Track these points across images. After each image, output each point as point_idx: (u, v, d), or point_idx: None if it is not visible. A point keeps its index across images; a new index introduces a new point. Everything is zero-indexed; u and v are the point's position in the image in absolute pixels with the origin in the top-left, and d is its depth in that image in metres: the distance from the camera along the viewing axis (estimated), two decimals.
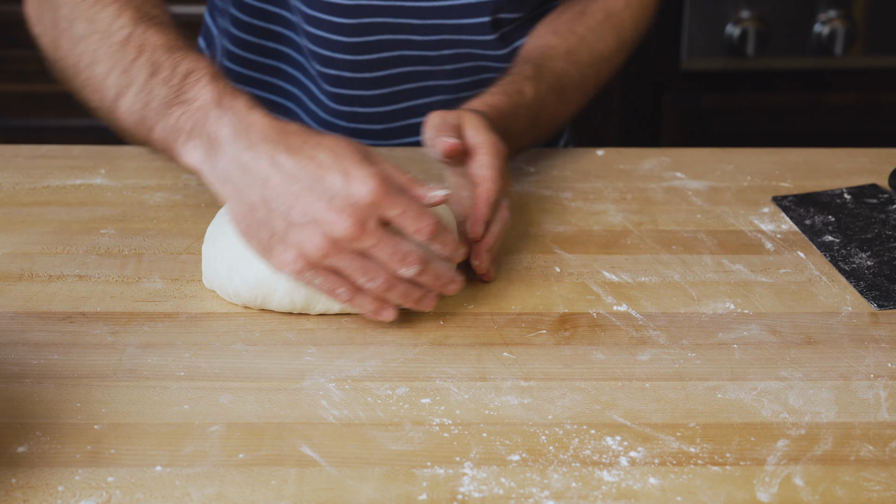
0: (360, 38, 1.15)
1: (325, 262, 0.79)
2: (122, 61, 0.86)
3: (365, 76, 1.18)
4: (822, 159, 1.17)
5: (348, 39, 1.15)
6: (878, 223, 1.04)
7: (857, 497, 0.70)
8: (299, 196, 0.77)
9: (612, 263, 0.97)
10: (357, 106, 1.21)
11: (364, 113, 1.21)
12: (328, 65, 1.18)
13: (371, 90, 1.20)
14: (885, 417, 0.78)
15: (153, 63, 0.85)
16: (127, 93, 0.86)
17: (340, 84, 1.19)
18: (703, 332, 0.87)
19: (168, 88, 0.83)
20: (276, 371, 0.81)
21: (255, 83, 1.26)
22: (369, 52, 1.17)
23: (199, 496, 0.69)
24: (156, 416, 0.76)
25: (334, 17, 1.14)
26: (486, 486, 0.71)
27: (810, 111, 2.07)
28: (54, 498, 0.69)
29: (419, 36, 1.16)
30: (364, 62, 1.17)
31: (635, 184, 1.11)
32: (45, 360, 0.82)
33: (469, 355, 0.84)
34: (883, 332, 0.88)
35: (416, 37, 1.16)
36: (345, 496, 0.70)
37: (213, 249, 0.89)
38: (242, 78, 1.26)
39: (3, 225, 1.01)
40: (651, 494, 0.70)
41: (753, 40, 1.96)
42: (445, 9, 1.14)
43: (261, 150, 0.78)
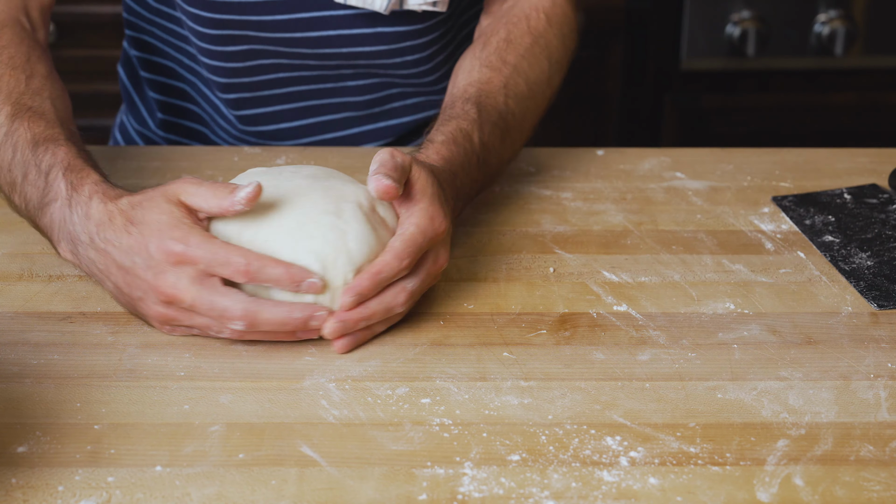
0: (242, 62, 1.15)
1: (175, 325, 0.84)
2: (4, 160, 0.92)
3: (262, 94, 1.18)
4: (822, 159, 1.17)
5: (232, 65, 1.15)
6: (878, 223, 1.04)
7: (857, 497, 0.70)
8: (129, 275, 0.83)
9: (612, 263, 0.97)
10: (263, 125, 1.21)
11: (271, 130, 1.21)
12: (225, 90, 1.18)
13: (271, 107, 1.19)
14: (885, 417, 0.78)
15: (24, 163, 0.90)
16: (14, 192, 0.91)
17: (241, 106, 1.19)
18: (703, 332, 0.87)
19: (37, 190, 0.88)
20: (276, 371, 0.81)
21: (173, 109, 1.26)
22: (259, 74, 1.16)
23: (199, 496, 0.69)
24: (156, 416, 0.76)
25: (214, 46, 1.14)
26: (486, 486, 0.71)
27: (810, 111, 2.08)
28: (54, 498, 0.69)
29: (307, 60, 1.16)
30: (256, 83, 1.17)
31: (635, 184, 1.11)
32: (45, 360, 0.82)
33: (469, 355, 0.84)
34: (883, 332, 0.88)
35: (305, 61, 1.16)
36: (345, 496, 0.70)
37: None
38: (161, 105, 1.26)
39: (3, 225, 1.01)
40: (651, 494, 0.70)
41: (753, 40, 1.96)
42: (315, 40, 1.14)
43: (96, 242, 0.84)
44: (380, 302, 0.83)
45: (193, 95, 1.23)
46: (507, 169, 1.09)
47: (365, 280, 0.82)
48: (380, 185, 0.83)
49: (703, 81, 2.05)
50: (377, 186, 0.83)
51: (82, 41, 1.97)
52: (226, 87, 1.17)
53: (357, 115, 1.21)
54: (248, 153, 1.16)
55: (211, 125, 1.24)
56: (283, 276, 0.80)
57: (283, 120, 1.20)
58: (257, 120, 1.20)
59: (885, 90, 2.07)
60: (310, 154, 1.16)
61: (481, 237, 1.01)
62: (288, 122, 1.21)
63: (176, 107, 1.26)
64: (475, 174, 0.98)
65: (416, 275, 0.85)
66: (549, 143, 2.14)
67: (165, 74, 1.24)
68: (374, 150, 1.16)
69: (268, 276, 0.80)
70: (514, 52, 1.08)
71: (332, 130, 1.22)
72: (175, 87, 1.24)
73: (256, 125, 1.20)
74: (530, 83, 1.07)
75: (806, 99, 2.07)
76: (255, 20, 1.11)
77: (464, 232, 1.01)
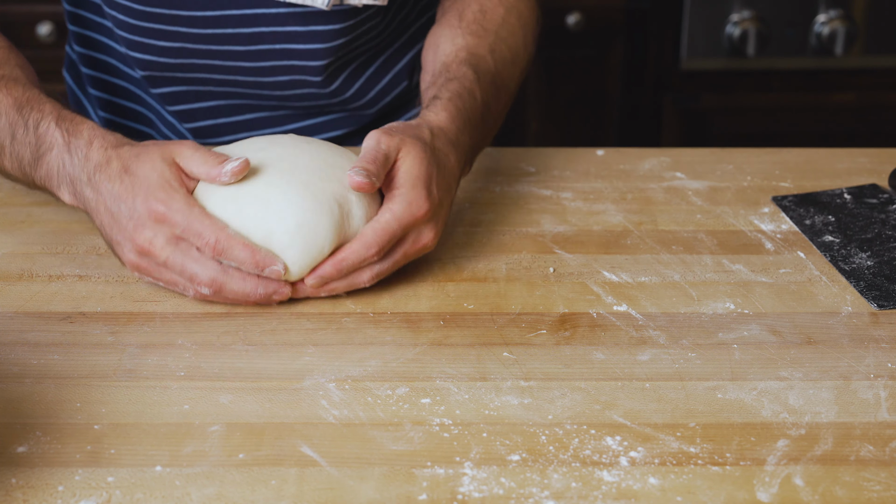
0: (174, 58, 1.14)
1: (145, 272, 0.88)
2: None
3: (196, 89, 1.17)
4: (822, 159, 1.17)
5: (164, 59, 1.14)
6: (878, 223, 1.04)
7: (857, 497, 0.70)
8: (113, 219, 0.88)
9: (612, 263, 0.97)
10: (200, 120, 1.20)
11: (209, 126, 1.20)
12: (156, 84, 1.17)
13: (207, 101, 1.19)
14: (885, 417, 0.78)
15: (11, 125, 0.94)
16: (3, 156, 0.96)
17: (176, 101, 1.18)
18: (703, 332, 0.87)
19: (28, 146, 0.93)
20: (276, 371, 0.81)
21: (116, 109, 1.25)
22: (191, 71, 1.15)
23: (199, 496, 0.69)
24: (156, 416, 0.76)
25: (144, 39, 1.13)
26: (486, 486, 0.71)
27: (810, 111, 2.08)
28: (54, 498, 0.69)
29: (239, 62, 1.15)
30: (188, 78, 1.16)
31: (635, 184, 1.11)
32: (45, 360, 0.82)
33: (469, 355, 0.84)
34: (883, 332, 0.88)
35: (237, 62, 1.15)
36: (345, 496, 0.70)
37: None
38: (104, 103, 1.26)
39: (3, 225, 1.01)
40: (651, 494, 0.70)
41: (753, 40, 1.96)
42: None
43: (93, 181, 0.89)
44: (343, 282, 0.89)
45: (137, 94, 1.22)
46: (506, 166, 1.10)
47: (329, 267, 0.88)
48: (353, 182, 0.87)
49: (703, 81, 2.05)
50: (350, 183, 0.87)
51: None
52: (157, 80, 1.16)
53: (296, 114, 1.21)
54: None
55: (156, 124, 1.23)
56: (247, 260, 0.85)
57: (222, 115, 1.20)
58: (194, 115, 1.19)
59: (885, 90, 2.07)
60: None
61: (481, 237, 1.01)
62: (227, 116, 1.20)
63: (119, 106, 1.25)
64: (480, 128, 1.02)
65: (390, 256, 0.90)
66: (549, 143, 2.14)
67: (108, 72, 1.23)
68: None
69: (233, 257, 0.85)
70: (493, 21, 1.11)
71: (276, 125, 1.21)
72: (118, 85, 1.23)
73: (194, 121, 1.20)
74: (511, 50, 1.11)
75: (806, 99, 2.07)
76: (186, 15, 1.10)
77: (464, 232, 1.01)
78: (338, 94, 1.18)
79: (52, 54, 1.98)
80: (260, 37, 1.12)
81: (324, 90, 1.17)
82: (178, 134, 1.22)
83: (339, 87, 1.18)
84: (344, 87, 1.18)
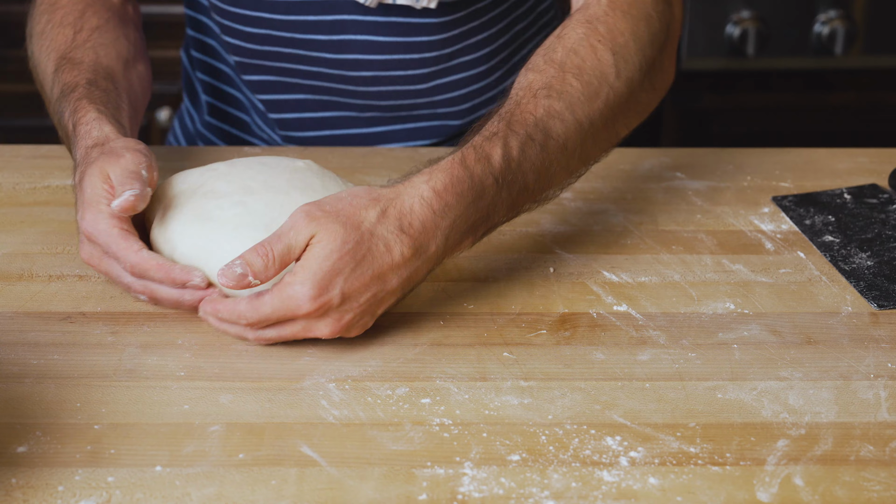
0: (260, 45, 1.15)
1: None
2: (50, 100, 1.03)
3: (284, 80, 1.18)
4: (822, 159, 1.17)
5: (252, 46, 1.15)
6: (878, 223, 1.04)
7: (857, 497, 0.70)
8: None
9: (612, 263, 0.97)
10: (287, 112, 1.20)
11: (294, 119, 1.20)
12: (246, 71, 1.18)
13: (294, 94, 1.19)
14: (885, 417, 0.78)
15: (60, 103, 0.99)
16: (55, 121, 1.02)
17: (265, 90, 1.19)
18: (703, 332, 0.87)
19: (65, 132, 0.98)
20: (276, 371, 0.81)
21: (218, 93, 1.27)
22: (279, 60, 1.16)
23: (199, 496, 0.69)
24: (156, 416, 0.76)
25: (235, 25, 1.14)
26: (486, 486, 0.71)
27: (810, 111, 2.07)
28: (54, 498, 0.69)
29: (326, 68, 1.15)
30: (276, 68, 1.16)
31: (635, 184, 1.11)
32: (45, 360, 0.82)
33: (469, 355, 0.84)
34: (883, 332, 0.88)
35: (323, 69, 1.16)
36: (345, 496, 0.70)
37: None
38: (207, 87, 1.27)
39: (3, 225, 1.01)
40: (651, 494, 0.70)
41: (753, 40, 1.96)
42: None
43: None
44: (232, 329, 0.83)
45: (236, 80, 1.23)
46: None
47: (209, 314, 0.83)
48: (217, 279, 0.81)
49: (703, 81, 2.05)
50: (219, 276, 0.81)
51: None
52: (248, 67, 1.17)
53: (381, 116, 1.20)
54: (248, 151, 1.16)
55: (251, 112, 1.24)
56: (164, 280, 0.84)
57: (307, 109, 1.19)
58: (281, 106, 1.19)
59: (885, 90, 2.07)
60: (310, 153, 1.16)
61: None
62: (312, 111, 1.19)
63: (220, 91, 1.27)
64: (492, 197, 0.86)
65: (275, 329, 0.82)
66: None
67: (212, 56, 1.25)
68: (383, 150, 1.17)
69: (150, 278, 0.85)
70: (563, 48, 0.93)
71: (361, 126, 1.20)
72: (220, 70, 1.25)
73: (280, 112, 1.19)
74: (584, 78, 0.92)
75: (806, 99, 2.07)
76: (268, 1, 1.11)
77: None
78: (423, 96, 1.17)
79: None
80: (342, 25, 1.11)
81: (408, 87, 1.16)
82: (268, 123, 1.22)
83: (425, 90, 1.17)
84: (431, 91, 1.17)
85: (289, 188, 0.88)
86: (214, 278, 0.84)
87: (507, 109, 0.89)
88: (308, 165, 0.92)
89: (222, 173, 0.90)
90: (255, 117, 1.24)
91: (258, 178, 0.89)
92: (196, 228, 0.86)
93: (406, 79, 1.16)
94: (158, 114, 2.00)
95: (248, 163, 0.91)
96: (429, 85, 1.17)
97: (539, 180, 0.89)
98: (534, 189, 0.90)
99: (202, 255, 0.85)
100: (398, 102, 1.18)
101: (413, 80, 1.16)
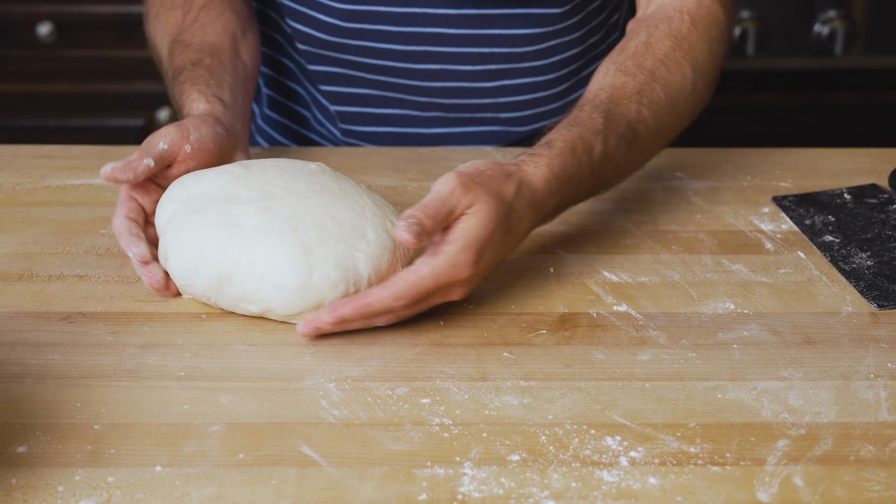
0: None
1: None
2: (168, 84, 1.08)
3: (348, 73, 1.18)
4: (822, 159, 1.17)
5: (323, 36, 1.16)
6: (878, 223, 1.04)
7: (857, 497, 0.70)
8: None
9: (612, 263, 0.97)
10: (349, 105, 1.20)
11: (356, 114, 1.21)
12: (324, 81, 1.19)
13: (357, 88, 1.19)
14: (885, 417, 0.78)
15: (172, 86, 1.05)
16: (173, 103, 1.07)
17: (328, 81, 1.19)
18: (703, 332, 0.87)
19: (179, 108, 1.03)
20: (276, 371, 0.81)
21: (280, 88, 1.28)
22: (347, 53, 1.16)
23: (199, 496, 0.69)
24: (156, 416, 0.76)
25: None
26: (486, 486, 0.71)
27: (810, 111, 2.07)
28: (54, 498, 0.69)
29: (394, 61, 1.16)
30: (342, 60, 1.17)
31: (635, 184, 1.11)
32: (45, 360, 0.82)
33: (469, 355, 0.84)
34: (883, 332, 0.88)
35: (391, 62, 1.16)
36: (345, 496, 0.70)
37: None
38: (270, 81, 1.29)
39: (3, 225, 1.01)
40: (651, 494, 0.70)
41: (753, 40, 1.96)
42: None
43: None
44: (360, 322, 0.85)
45: (298, 75, 1.25)
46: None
47: (349, 309, 0.83)
48: (398, 236, 0.82)
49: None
50: (396, 235, 0.82)
51: (82, 41, 1.97)
52: (314, 57, 1.17)
53: (443, 116, 1.20)
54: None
55: (311, 106, 1.25)
56: (127, 251, 0.90)
57: (370, 104, 1.20)
58: (343, 99, 1.20)
59: (885, 90, 2.07)
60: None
61: None
62: (375, 107, 1.20)
63: (281, 85, 1.28)
64: (585, 185, 0.94)
65: (414, 306, 0.85)
66: None
67: (275, 49, 1.26)
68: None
69: (121, 245, 0.90)
70: (652, 57, 1.00)
71: (422, 126, 1.20)
72: (283, 63, 1.26)
73: (343, 104, 1.20)
74: (669, 90, 1.00)
75: (806, 99, 2.07)
76: None
77: None
78: (488, 96, 1.17)
79: (52, 54, 1.98)
80: (411, 18, 1.12)
81: (474, 84, 1.16)
82: (329, 117, 1.23)
83: (490, 89, 1.17)
84: (496, 91, 1.17)
85: (308, 192, 0.89)
86: (242, 282, 0.85)
87: (607, 107, 0.96)
88: (321, 168, 0.93)
89: (239, 177, 0.90)
90: (315, 112, 1.25)
91: (277, 184, 0.89)
92: (226, 234, 0.86)
93: (473, 74, 1.16)
94: (158, 114, 2.00)
95: (262, 167, 0.92)
96: (495, 84, 1.17)
97: (616, 175, 0.99)
98: (609, 180, 0.98)
99: (230, 259, 0.85)
100: (462, 101, 1.18)
101: (480, 76, 1.16)
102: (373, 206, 0.90)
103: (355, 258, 0.85)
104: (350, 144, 1.23)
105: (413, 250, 0.90)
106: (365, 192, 0.92)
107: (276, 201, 0.87)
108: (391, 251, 0.87)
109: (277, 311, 0.85)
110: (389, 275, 0.87)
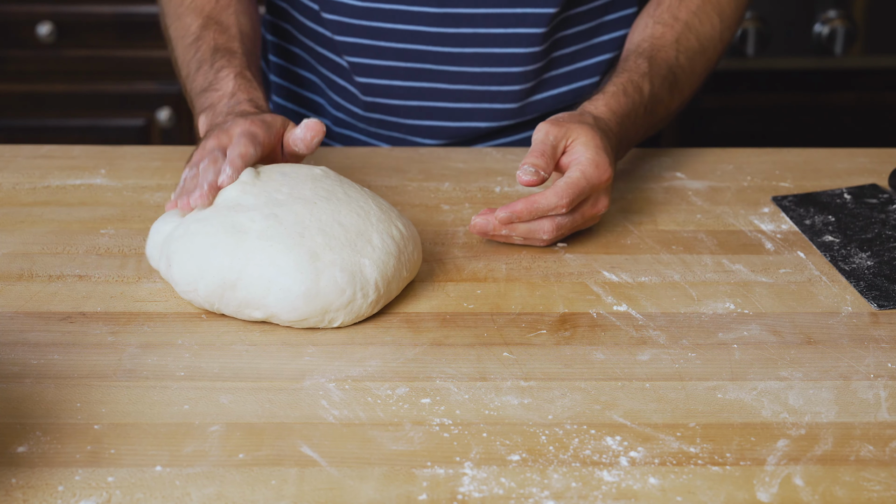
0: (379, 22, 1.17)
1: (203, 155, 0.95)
2: (188, 56, 1.10)
3: (378, 44, 1.18)
4: (822, 159, 1.17)
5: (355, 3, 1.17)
6: (878, 223, 1.04)
7: (857, 497, 0.70)
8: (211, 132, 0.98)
9: (612, 263, 0.97)
10: (377, 77, 1.21)
11: (383, 86, 1.21)
12: (352, 52, 1.20)
13: (386, 60, 1.20)
14: (885, 417, 0.78)
15: (200, 61, 1.08)
16: (187, 79, 1.10)
17: (356, 52, 1.20)
18: (703, 332, 0.87)
19: (204, 80, 1.06)
20: (276, 371, 0.81)
21: (291, 76, 1.30)
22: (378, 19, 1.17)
23: (199, 496, 0.69)
24: (156, 416, 0.76)
25: None
26: (486, 486, 0.71)
27: (810, 111, 2.07)
28: (54, 498, 0.69)
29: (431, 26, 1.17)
30: (373, 29, 1.18)
31: (635, 184, 1.11)
32: (45, 360, 0.82)
33: (469, 355, 0.84)
34: (883, 332, 0.88)
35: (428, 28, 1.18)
36: (345, 496, 0.70)
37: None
38: (280, 70, 1.31)
39: (3, 225, 1.01)
40: (651, 494, 0.70)
41: (753, 40, 1.96)
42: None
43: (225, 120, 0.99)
44: (527, 227, 0.95)
45: (311, 63, 1.26)
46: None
47: (521, 205, 0.94)
48: (521, 181, 0.93)
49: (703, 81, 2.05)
50: (519, 181, 0.94)
51: (82, 41, 1.97)
52: (343, 27, 1.18)
53: (472, 90, 1.21)
54: None
55: (326, 93, 1.26)
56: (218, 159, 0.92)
57: (397, 77, 1.20)
58: (370, 71, 1.20)
59: (885, 90, 2.07)
60: None
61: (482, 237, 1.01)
62: (402, 79, 1.20)
63: (292, 73, 1.29)
64: (641, 122, 1.07)
65: (571, 214, 0.96)
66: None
67: (287, 40, 1.28)
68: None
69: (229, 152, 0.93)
70: (686, 9, 1.14)
71: (447, 100, 1.22)
72: (294, 53, 1.28)
73: (368, 76, 1.21)
74: (701, 39, 1.14)
75: (806, 99, 2.07)
76: None
77: (464, 232, 1.01)
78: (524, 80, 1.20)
79: (52, 54, 1.98)
80: None
81: (509, 69, 1.18)
82: (347, 96, 1.24)
83: (529, 72, 1.20)
84: (534, 73, 1.20)
85: (314, 197, 0.89)
86: (248, 288, 0.85)
87: (650, 54, 1.10)
88: (325, 173, 0.93)
89: (245, 185, 0.90)
90: (331, 95, 1.26)
91: (283, 190, 0.90)
92: (231, 240, 0.86)
93: (510, 58, 1.18)
94: (158, 114, 2.00)
95: (268, 172, 0.92)
96: (532, 67, 1.19)
97: (663, 115, 1.10)
98: (658, 119, 1.10)
99: (235, 264, 0.85)
100: (492, 70, 1.19)
101: (516, 60, 1.18)
102: (378, 212, 0.90)
103: (361, 263, 0.86)
104: (373, 120, 1.23)
105: (418, 259, 0.91)
106: (370, 197, 0.92)
107: (282, 207, 0.88)
108: (396, 256, 0.88)
109: (282, 317, 0.85)
110: (395, 280, 0.88)
